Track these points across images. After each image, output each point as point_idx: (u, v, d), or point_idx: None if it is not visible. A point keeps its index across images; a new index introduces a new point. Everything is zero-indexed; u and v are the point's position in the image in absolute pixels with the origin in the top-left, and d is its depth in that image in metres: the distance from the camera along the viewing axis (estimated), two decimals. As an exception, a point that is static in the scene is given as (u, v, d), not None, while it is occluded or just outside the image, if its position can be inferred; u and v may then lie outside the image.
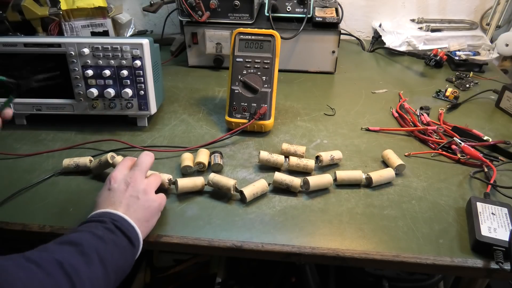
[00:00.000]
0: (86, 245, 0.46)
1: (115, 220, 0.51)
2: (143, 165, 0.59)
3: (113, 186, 0.56)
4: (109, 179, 0.57)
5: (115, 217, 0.51)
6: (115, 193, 0.55)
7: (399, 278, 0.92)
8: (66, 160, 0.70)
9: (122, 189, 0.55)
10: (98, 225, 0.49)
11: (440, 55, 1.12)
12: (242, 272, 1.15)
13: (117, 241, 0.49)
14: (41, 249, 0.45)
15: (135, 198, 0.55)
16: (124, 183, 0.56)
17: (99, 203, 0.55)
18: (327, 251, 0.56)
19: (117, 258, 0.48)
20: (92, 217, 0.52)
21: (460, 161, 0.73)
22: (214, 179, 0.64)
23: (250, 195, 0.63)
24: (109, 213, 0.52)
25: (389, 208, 0.63)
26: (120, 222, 0.51)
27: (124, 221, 0.51)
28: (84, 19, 1.16)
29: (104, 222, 0.50)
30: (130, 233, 0.51)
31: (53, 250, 0.44)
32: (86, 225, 0.50)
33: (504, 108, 0.92)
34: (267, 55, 0.80)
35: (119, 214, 0.52)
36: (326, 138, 0.81)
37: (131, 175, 0.57)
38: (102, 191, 0.56)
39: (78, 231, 0.48)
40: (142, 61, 0.76)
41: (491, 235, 0.54)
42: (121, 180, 0.56)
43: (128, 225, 0.51)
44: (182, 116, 0.89)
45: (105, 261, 0.46)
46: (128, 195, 0.55)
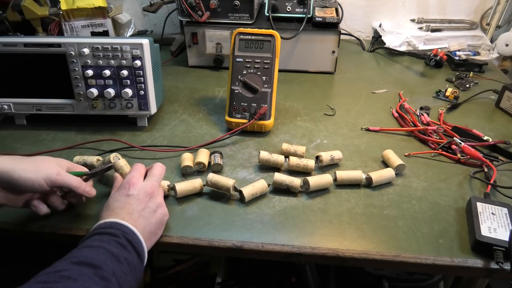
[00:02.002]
0: (106, 268, 0.44)
1: (127, 234, 0.49)
2: (159, 176, 0.59)
3: (133, 193, 0.54)
4: (128, 184, 0.55)
5: (127, 231, 0.50)
6: (134, 202, 0.53)
7: (399, 278, 0.92)
8: (76, 157, 0.70)
9: (142, 199, 0.54)
10: (110, 240, 0.47)
11: (440, 55, 1.12)
12: (242, 272, 1.15)
13: (129, 258, 0.48)
14: (62, 275, 0.41)
15: (152, 211, 0.54)
16: (143, 192, 0.55)
17: (116, 208, 0.52)
18: (327, 251, 0.56)
19: (130, 279, 0.47)
20: (103, 227, 0.49)
21: (460, 161, 0.73)
22: (213, 179, 0.64)
23: (249, 195, 0.63)
24: (121, 225, 0.50)
25: (389, 208, 0.63)
26: (131, 236, 0.50)
27: (135, 235, 0.50)
28: (84, 19, 1.16)
29: (116, 236, 0.48)
30: (139, 248, 0.50)
31: (75, 277, 0.41)
32: (99, 238, 0.47)
33: (504, 108, 0.92)
34: (267, 55, 0.80)
35: (130, 227, 0.50)
36: (326, 138, 0.81)
37: (151, 186, 0.56)
38: (119, 195, 0.54)
39: (92, 248, 0.46)
40: (142, 61, 0.76)
41: (491, 235, 0.54)
42: (140, 189, 0.55)
43: (137, 239, 0.50)
44: (182, 116, 0.89)
45: (122, 285, 0.45)
46: (145, 207, 0.54)
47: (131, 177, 0.56)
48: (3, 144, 0.78)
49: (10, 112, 0.81)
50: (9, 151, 0.75)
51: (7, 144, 0.78)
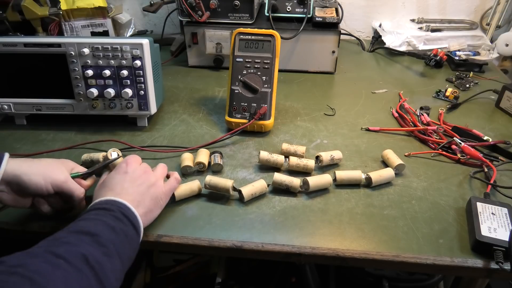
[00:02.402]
0: (103, 236, 0.46)
1: (122, 208, 0.51)
2: (159, 168, 0.62)
3: (128, 170, 0.57)
4: (124, 163, 0.58)
5: (122, 206, 0.52)
6: (128, 179, 0.56)
7: (399, 278, 0.92)
8: (84, 155, 0.71)
9: (137, 177, 0.56)
10: (106, 214, 0.49)
11: (440, 55, 1.12)
12: (242, 272, 1.15)
13: (126, 230, 0.50)
14: (62, 241, 0.44)
15: (147, 187, 0.56)
16: (139, 170, 0.58)
17: (111, 184, 0.55)
18: (327, 251, 0.56)
19: (127, 249, 0.49)
20: (98, 204, 0.52)
21: (460, 161, 0.73)
22: (211, 182, 0.64)
23: (248, 194, 0.63)
24: (116, 201, 0.52)
25: (389, 208, 0.63)
26: (126, 210, 0.51)
27: (129, 210, 0.52)
28: (84, 19, 1.16)
29: (112, 211, 0.50)
30: (135, 221, 0.51)
31: (75, 242, 0.44)
32: (94, 213, 0.50)
33: (504, 108, 0.92)
34: (267, 55, 0.80)
35: (125, 203, 0.52)
36: (326, 138, 0.81)
37: (146, 166, 0.60)
38: (116, 173, 0.57)
39: (89, 220, 0.48)
40: (142, 61, 0.76)
41: (491, 235, 0.54)
42: (136, 167, 0.58)
43: (133, 214, 0.52)
44: (182, 116, 0.89)
45: (120, 253, 0.47)
46: (140, 183, 0.56)
47: (129, 158, 0.60)
48: (3, 144, 0.78)
49: (10, 112, 0.81)
50: (9, 151, 0.75)
51: (7, 144, 0.78)
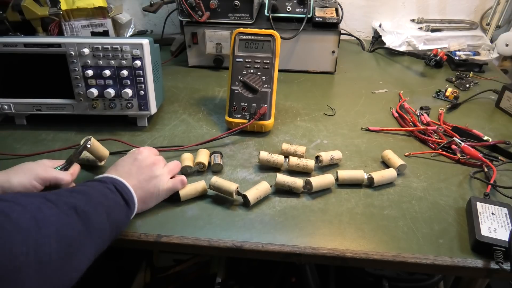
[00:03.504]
0: (94, 196, 0.50)
1: (116, 183, 0.54)
2: (172, 163, 0.64)
3: (138, 157, 0.60)
4: (138, 150, 0.61)
5: (117, 182, 0.55)
6: (136, 166, 0.59)
7: (399, 278, 0.92)
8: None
9: (144, 167, 0.59)
10: (100, 184, 0.53)
11: (440, 55, 1.12)
12: (242, 272, 1.15)
13: (116, 199, 0.53)
14: (55, 192, 0.48)
15: (148, 179, 0.58)
16: (148, 160, 0.60)
17: (117, 165, 0.59)
18: (327, 251, 0.56)
19: (116, 214, 0.52)
20: (95, 179, 0.55)
21: (460, 161, 0.73)
22: (215, 183, 0.63)
23: (253, 199, 0.62)
24: (112, 178, 0.55)
25: (389, 208, 0.63)
26: (120, 186, 0.54)
27: (124, 186, 0.55)
28: (84, 19, 1.16)
29: (105, 182, 0.54)
30: (127, 196, 0.54)
31: (67, 195, 0.48)
32: (90, 183, 0.53)
33: (504, 108, 0.92)
34: (267, 55, 0.80)
35: (121, 180, 0.55)
36: (326, 138, 0.81)
37: (157, 159, 0.62)
38: (127, 157, 0.60)
39: (81, 185, 0.52)
40: (142, 61, 0.76)
41: (491, 235, 0.54)
42: (146, 157, 0.60)
43: (128, 191, 0.55)
44: (182, 116, 0.89)
45: (108, 215, 0.50)
46: (143, 173, 0.58)
47: (142, 148, 0.63)
48: (3, 144, 0.78)
49: (10, 112, 0.81)
50: (9, 151, 0.75)
51: (7, 144, 0.78)
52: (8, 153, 0.74)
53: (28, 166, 0.59)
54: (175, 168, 0.64)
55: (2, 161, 0.73)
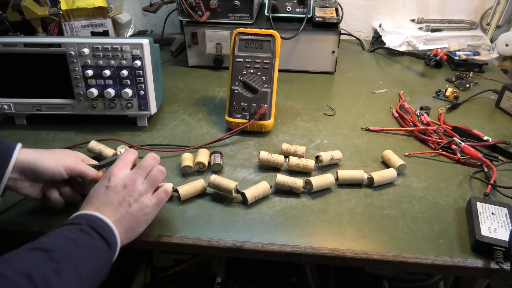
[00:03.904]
0: (58, 250, 0.43)
1: (92, 221, 0.48)
2: (145, 168, 0.55)
3: (111, 184, 0.53)
4: (109, 174, 0.54)
5: (91, 218, 0.49)
6: (111, 193, 0.52)
7: (399, 278, 0.92)
8: (92, 142, 0.72)
9: (119, 191, 0.52)
10: (72, 228, 0.47)
11: (440, 55, 1.12)
12: (242, 272, 1.15)
13: (91, 243, 0.46)
14: (9, 258, 0.42)
15: (129, 204, 0.52)
16: (121, 184, 0.53)
17: (92, 199, 0.52)
18: (327, 251, 0.56)
19: (92, 262, 0.45)
20: (69, 220, 0.49)
21: (460, 161, 0.73)
22: (215, 181, 0.64)
23: (252, 197, 0.63)
24: (87, 215, 0.49)
25: (389, 208, 0.63)
26: (96, 223, 0.48)
27: (101, 221, 0.49)
28: (84, 19, 1.16)
29: (78, 224, 0.47)
30: (106, 235, 0.48)
31: (23, 259, 0.42)
32: (61, 228, 0.47)
33: (504, 108, 0.92)
34: (267, 55, 0.80)
35: (95, 214, 0.49)
36: (326, 138, 0.81)
37: (131, 178, 0.54)
38: (99, 186, 0.53)
39: (51, 235, 0.46)
40: (142, 61, 0.76)
41: (491, 235, 0.54)
42: (119, 180, 0.53)
43: (106, 226, 0.49)
44: (182, 116, 0.89)
45: (78, 267, 0.43)
46: (122, 199, 0.52)
47: (114, 167, 0.55)
48: (3, 144, 0.78)
49: (10, 112, 0.81)
50: (9, 151, 0.75)
51: (7, 144, 0.78)
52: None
53: (62, 154, 0.58)
54: (156, 178, 0.55)
55: (2, 161, 0.73)
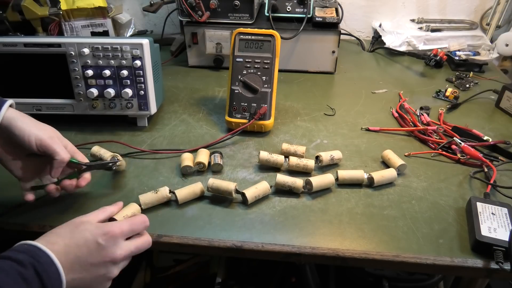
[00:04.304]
0: None
1: (41, 264, 0.41)
2: (137, 249, 0.50)
3: (103, 244, 0.46)
4: (109, 230, 0.47)
5: (45, 261, 0.41)
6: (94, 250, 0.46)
7: (399, 278, 0.92)
8: (95, 147, 0.72)
9: (103, 257, 0.46)
10: (11, 270, 0.39)
11: (440, 55, 1.12)
12: (242, 272, 1.15)
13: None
14: None
15: (98, 277, 0.46)
16: (111, 254, 0.47)
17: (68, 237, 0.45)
18: (327, 251, 0.56)
19: None
20: (18, 249, 0.42)
21: (460, 161, 0.73)
22: (213, 185, 0.63)
23: (252, 197, 0.62)
24: (42, 253, 0.42)
25: (389, 208, 0.63)
26: (46, 268, 0.41)
27: (55, 269, 0.42)
28: (84, 19, 1.16)
29: (23, 266, 0.40)
30: (51, 284, 0.41)
31: None
32: (1, 264, 0.40)
33: (504, 108, 0.92)
34: (267, 55, 0.80)
35: (54, 261, 0.42)
36: (326, 138, 0.81)
37: (125, 255, 0.48)
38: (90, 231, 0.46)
39: None
40: (142, 61, 0.76)
41: (491, 235, 0.54)
42: (112, 247, 0.47)
43: (57, 279, 0.42)
44: (182, 116, 0.89)
45: None
46: (97, 266, 0.46)
47: (118, 226, 0.49)
48: (3, 144, 0.78)
49: (10, 112, 0.81)
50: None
51: (7, 144, 0.78)
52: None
53: (43, 127, 0.55)
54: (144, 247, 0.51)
55: (2, 161, 0.73)
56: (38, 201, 0.62)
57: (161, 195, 0.62)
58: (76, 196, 0.64)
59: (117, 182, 0.68)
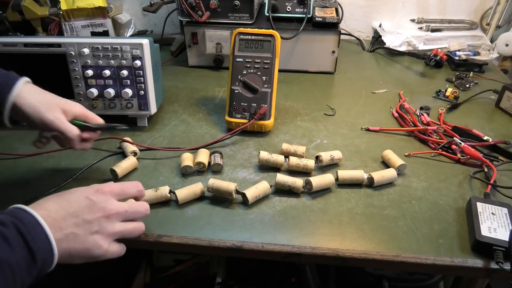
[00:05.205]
0: None
1: (24, 224, 0.40)
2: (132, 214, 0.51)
3: (94, 199, 0.47)
4: (99, 188, 0.49)
5: (27, 221, 0.41)
6: (84, 207, 0.47)
7: (399, 278, 0.92)
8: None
9: (94, 212, 0.47)
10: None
11: (440, 55, 1.12)
12: (242, 272, 1.15)
13: (3, 257, 0.38)
14: None
15: (90, 233, 0.46)
16: (103, 208, 0.48)
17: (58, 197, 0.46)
18: (327, 251, 0.56)
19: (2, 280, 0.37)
20: (4, 211, 0.42)
21: (460, 161, 0.73)
22: (213, 185, 0.63)
23: (252, 197, 0.62)
24: (24, 213, 0.41)
25: (389, 208, 0.63)
26: (30, 228, 0.40)
27: (40, 229, 0.41)
28: (84, 19, 1.16)
29: (4, 225, 0.39)
30: (36, 246, 0.40)
31: None
32: None
33: (504, 108, 0.92)
34: (267, 55, 0.80)
35: (39, 219, 0.41)
36: (326, 138, 0.81)
37: (118, 208, 0.49)
38: (81, 190, 0.48)
39: None
40: (142, 61, 0.76)
41: (491, 235, 0.54)
42: (103, 202, 0.48)
43: (43, 238, 0.41)
44: (182, 116, 0.89)
45: None
46: (89, 222, 0.46)
47: (109, 185, 0.50)
48: (3, 144, 0.78)
49: (10, 112, 0.81)
50: (9, 151, 0.75)
51: (7, 144, 0.78)
52: (8, 153, 0.74)
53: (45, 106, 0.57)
54: (131, 233, 0.51)
55: (2, 161, 0.73)
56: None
57: (161, 193, 0.62)
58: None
59: (116, 181, 0.68)
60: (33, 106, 0.56)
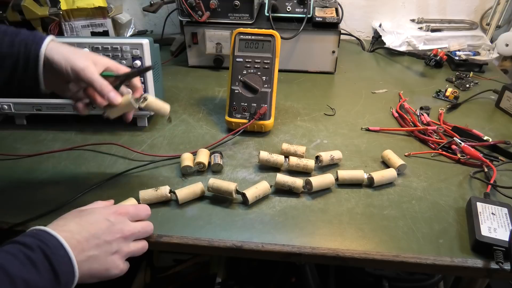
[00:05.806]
0: None
1: (49, 247, 0.41)
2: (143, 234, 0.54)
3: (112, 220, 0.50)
4: (117, 209, 0.52)
5: (52, 244, 0.42)
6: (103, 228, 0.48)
7: (399, 278, 0.92)
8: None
9: (113, 233, 0.49)
10: (19, 253, 0.40)
11: (440, 55, 1.12)
12: (242, 272, 1.15)
13: (33, 280, 0.39)
14: None
15: (110, 253, 0.48)
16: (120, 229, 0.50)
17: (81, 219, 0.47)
18: (327, 251, 0.56)
19: None
20: (26, 234, 0.43)
21: (460, 161, 0.73)
22: (214, 185, 0.63)
23: (252, 197, 0.62)
24: (49, 236, 0.42)
25: (389, 208, 0.63)
26: (55, 251, 0.41)
27: (63, 252, 0.42)
28: (84, 19, 1.16)
29: (30, 249, 0.40)
30: (61, 268, 0.41)
31: None
32: (8, 247, 0.41)
33: (504, 108, 0.92)
34: (267, 55, 0.80)
35: (62, 243, 0.42)
36: (326, 138, 0.81)
37: (132, 229, 0.52)
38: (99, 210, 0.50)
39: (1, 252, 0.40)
40: (142, 61, 0.76)
41: (491, 235, 0.54)
42: (121, 223, 0.50)
43: (66, 261, 0.42)
44: (182, 116, 0.89)
45: None
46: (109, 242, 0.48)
47: (125, 208, 0.53)
48: (3, 144, 0.78)
49: (10, 112, 0.81)
50: (9, 151, 0.75)
51: (7, 144, 0.78)
52: (8, 153, 0.74)
53: (77, 55, 0.54)
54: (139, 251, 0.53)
55: (2, 161, 0.73)
56: (39, 204, 0.62)
57: (161, 193, 0.62)
58: (76, 196, 0.64)
59: (117, 181, 0.68)
60: (64, 55, 0.53)
